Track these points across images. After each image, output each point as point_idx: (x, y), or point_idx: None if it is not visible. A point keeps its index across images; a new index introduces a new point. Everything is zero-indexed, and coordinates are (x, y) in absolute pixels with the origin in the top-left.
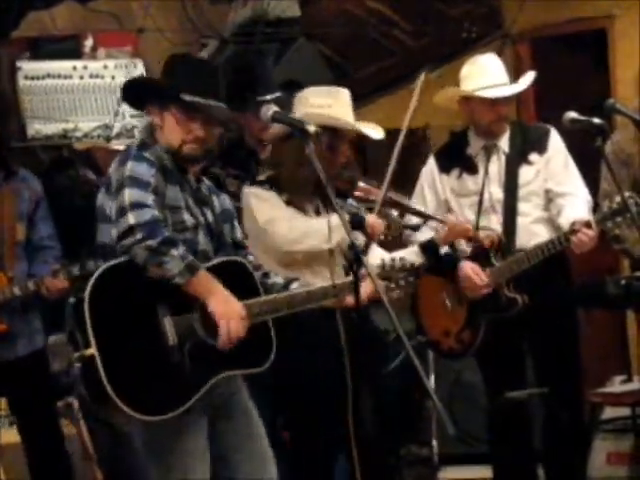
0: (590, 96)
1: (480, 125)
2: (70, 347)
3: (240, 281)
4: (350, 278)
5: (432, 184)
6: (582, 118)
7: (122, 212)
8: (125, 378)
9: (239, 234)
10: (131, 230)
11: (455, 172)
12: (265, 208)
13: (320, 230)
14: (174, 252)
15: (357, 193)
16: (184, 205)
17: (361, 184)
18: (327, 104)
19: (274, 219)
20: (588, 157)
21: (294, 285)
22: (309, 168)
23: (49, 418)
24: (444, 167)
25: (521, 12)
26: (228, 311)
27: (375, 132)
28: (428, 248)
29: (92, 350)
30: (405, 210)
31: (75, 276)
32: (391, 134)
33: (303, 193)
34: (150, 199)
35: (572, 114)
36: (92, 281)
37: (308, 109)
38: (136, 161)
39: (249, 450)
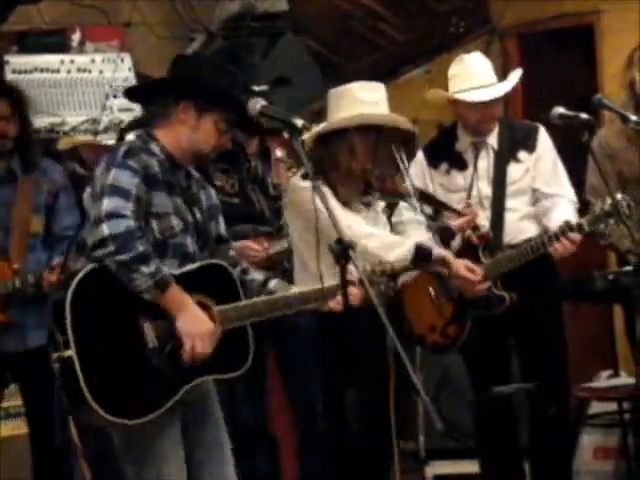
0: (578, 91)
1: (468, 125)
2: (50, 347)
3: (220, 285)
4: (337, 282)
5: (422, 179)
6: (570, 113)
7: (98, 221)
8: (103, 381)
9: (222, 228)
10: (104, 241)
11: (443, 167)
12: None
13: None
14: (144, 269)
15: (389, 187)
16: (172, 210)
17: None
18: (374, 101)
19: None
20: (574, 152)
21: (272, 283)
22: (363, 162)
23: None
24: (432, 162)
25: (509, 7)
26: (194, 330)
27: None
28: (421, 251)
29: (71, 352)
30: (434, 203)
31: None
32: None
33: (354, 188)
34: (129, 209)
35: (560, 109)
36: (75, 282)
37: (359, 106)
38: (120, 169)
39: (215, 455)
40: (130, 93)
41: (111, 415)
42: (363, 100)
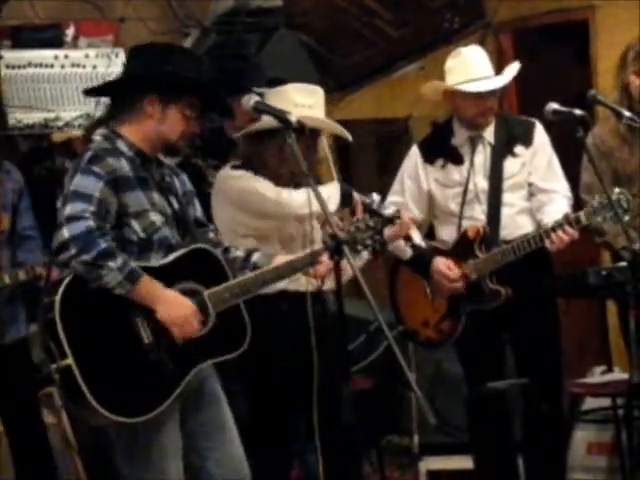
0: (572, 87)
1: (465, 118)
2: (46, 357)
3: (207, 268)
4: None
5: (414, 174)
6: (564, 109)
7: (59, 226)
8: (105, 383)
9: (199, 212)
10: (66, 245)
11: (439, 162)
12: (268, 186)
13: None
14: (111, 264)
15: None
16: (150, 206)
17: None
18: (309, 104)
19: (281, 191)
20: (569, 148)
21: (255, 256)
22: (291, 165)
23: (32, 406)
24: (428, 157)
25: (503, 3)
26: (176, 316)
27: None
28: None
29: (69, 361)
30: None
31: None
32: (371, 124)
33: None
34: (89, 211)
35: (554, 105)
36: (61, 291)
37: (292, 108)
38: (83, 175)
39: (218, 439)
40: (91, 92)
41: (117, 415)
42: (297, 103)
